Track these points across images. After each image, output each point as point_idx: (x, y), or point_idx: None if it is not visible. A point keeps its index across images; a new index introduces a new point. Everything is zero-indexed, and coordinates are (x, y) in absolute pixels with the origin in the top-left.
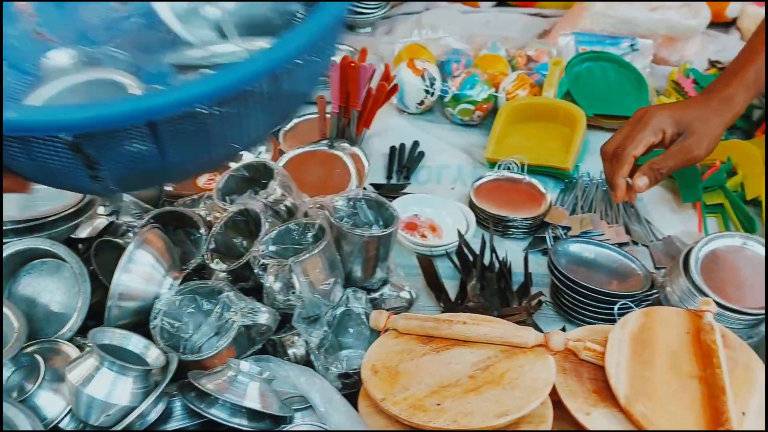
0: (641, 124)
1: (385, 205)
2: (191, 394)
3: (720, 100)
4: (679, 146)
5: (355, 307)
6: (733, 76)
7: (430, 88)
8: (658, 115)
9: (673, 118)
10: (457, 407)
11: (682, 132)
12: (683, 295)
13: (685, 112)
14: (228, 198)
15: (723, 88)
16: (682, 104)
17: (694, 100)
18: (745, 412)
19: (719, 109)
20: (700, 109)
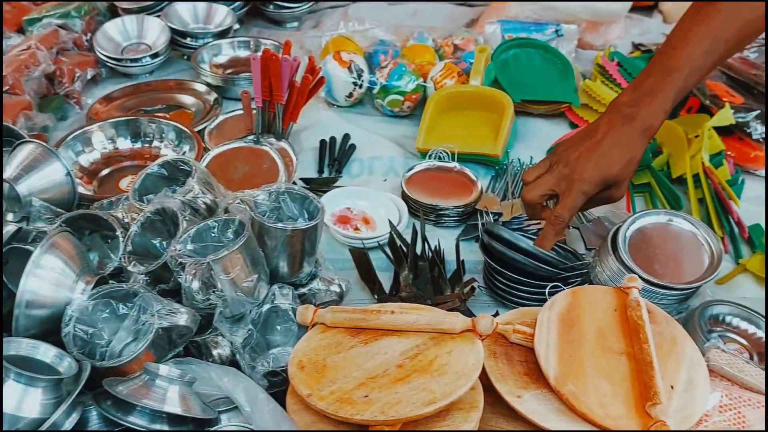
0: (572, 194)
1: (309, 198)
2: (107, 402)
3: (640, 133)
4: (605, 196)
5: (282, 303)
6: (650, 98)
7: (358, 80)
8: (590, 184)
9: (601, 182)
10: (385, 398)
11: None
12: (612, 274)
13: (611, 168)
14: (145, 198)
15: (641, 115)
16: (604, 152)
17: (615, 139)
18: (673, 385)
19: (639, 143)
20: (622, 154)
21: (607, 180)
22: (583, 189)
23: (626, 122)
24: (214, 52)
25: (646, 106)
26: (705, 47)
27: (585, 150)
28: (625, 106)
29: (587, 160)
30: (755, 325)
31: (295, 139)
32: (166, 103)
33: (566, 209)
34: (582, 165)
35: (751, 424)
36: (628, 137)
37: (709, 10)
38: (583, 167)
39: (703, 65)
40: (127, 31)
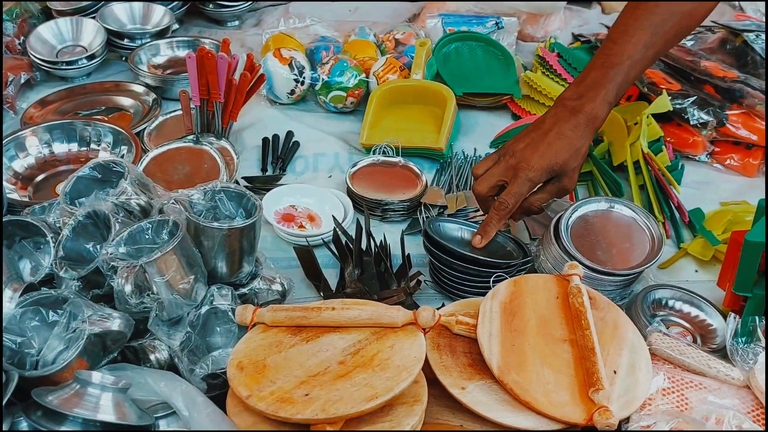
0: (518, 180)
1: (247, 196)
2: (37, 413)
3: (585, 125)
4: (556, 188)
5: (221, 304)
6: (594, 92)
7: (300, 77)
8: (533, 169)
9: (547, 169)
10: (326, 395)
11: (555, 176)
12: (555, 262)
13: (557, 157)
14: (77, 202)
15: (587, 108)
16: (550, 142)
17: (560, 131)
18: (616, 370)
19: (585, 135)
20: (569, 145)
21: (552, 168)
22: (529, 176)
23: (571, 115)
24: (152, 52)
25: (590, 100)
26: (644, 41)
27: (531, 141)
28: (570, 99)
29: (533, 150)
30: (697, 307)
31: (237, 137)
32: (104, 105)
33: (510, 195)
34: (528, 154)
35: (693, 405)
36: (574, 129)
37: (647, 4)
38: (530, 156)
39: (644, 58)
40: (62, 34)
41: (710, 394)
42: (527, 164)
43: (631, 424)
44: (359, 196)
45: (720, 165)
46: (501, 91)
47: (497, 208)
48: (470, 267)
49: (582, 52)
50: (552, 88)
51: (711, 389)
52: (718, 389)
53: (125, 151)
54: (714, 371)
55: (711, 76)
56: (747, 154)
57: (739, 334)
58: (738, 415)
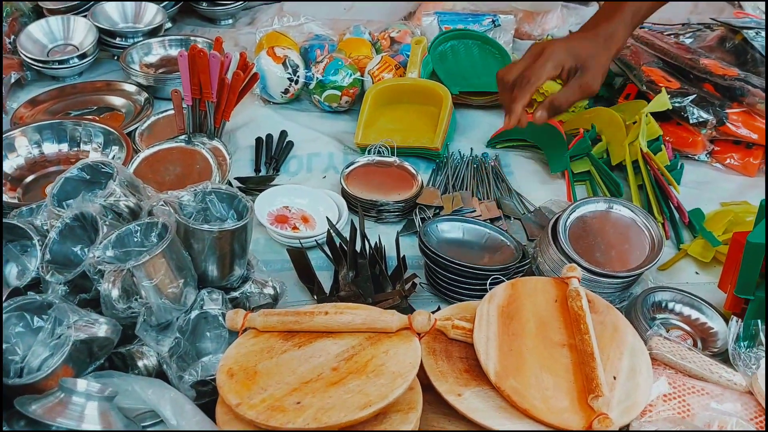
0: (543, 57)
1: (238, 197)
2: (20, 422)
3: (605, 37)
4: (578, 82)
5: (212, 309)
6: (613, 12)
7: (294, 76)
8: (558, 51)
9: (572, 54)
10: (318, 403)
11: (579, 67)
12: (553, 264)
13: (580, 48)
14: (65, 204)
15: (606, 24)
16: (575, 40)
17: (583, 36)
18: (616, 375)
19: (606, 45)
20: (591, 46)
21: (577, 53)
22: (552, 55)
23: (591, 27)
24: (144, 51)
25: (607, 20)
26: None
27: (555, 40)
28: (590, 23)
29: (558, 41)
30: (698, 310)
31: (230, 137)
32: (95, 105)
33: (532, 71)
34: (553, 42)
35: (695, 412)
36: (594, 38)
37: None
38: (553, 43)
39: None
40: (53, 33)
41: (712, 400)
42: (551, 48)
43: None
44: (354, 196)
45: (720, 164)
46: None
47: (520, 84)
48: (467, 269)
49: None
50: (549, 87)
51: (713, 395)
52: (720, 395)
53: (116, 152)
54: (716, 376)
55: (711, 74)
56: (747, 153)
57: (741, 338)
58: (741, 422)
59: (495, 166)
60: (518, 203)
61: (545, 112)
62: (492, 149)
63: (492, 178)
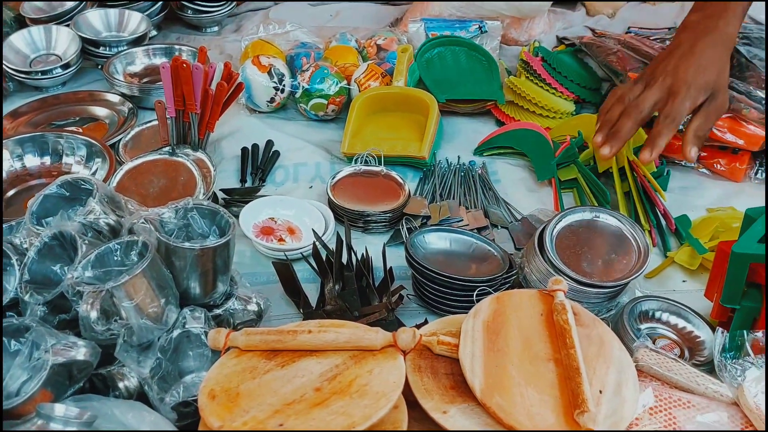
0: (679, 96)
1: (220, 213)
2: None
3: (723, 42)
4: (714, 107)
5: (194, 327)
6: (723, 10)
7: (279, 85)
8: (693, 86)
9: (705, 87)
10: (301, 425)
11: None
12: (540, 275)
13: (710, 73)
14: (44, 222)
15: (720, 26)
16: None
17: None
18: (602, 390)
19: (725, 53)
20: (715, 61)
21: (708, 84)
22: (691, 93)
23: (705, 34)
24: (128, 60)
25: (719, 17)
26: None
27: (680, 60)
28: (700, 22)
29: (686, 67)
30: (685, 319)
31: (215, 147)
32: (78, 115)
33: (675, 110)
34: (683, 72)
35: (681, 424)
36: (713, 47)
37: None
38: (684, 73)
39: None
40: (35, 43)
41: (699, 413)
42: (685, 82)
43: None
44: (340, 207)
45: (706, 170)
46: (485, 97)
47: (664, 123)
48: (453, 281)
49: (567, 55)
50: (537, 94)
51: (699, 407)
52: (706, 407)
53: (99, 164)
54: (702, 388)
55: None
56: (733, 158)
57: (726, 349)
58: None
59: (482, 174)
60: (505, 212)
61: (695, 146)
62: (479, 157)
63: (479, 186)
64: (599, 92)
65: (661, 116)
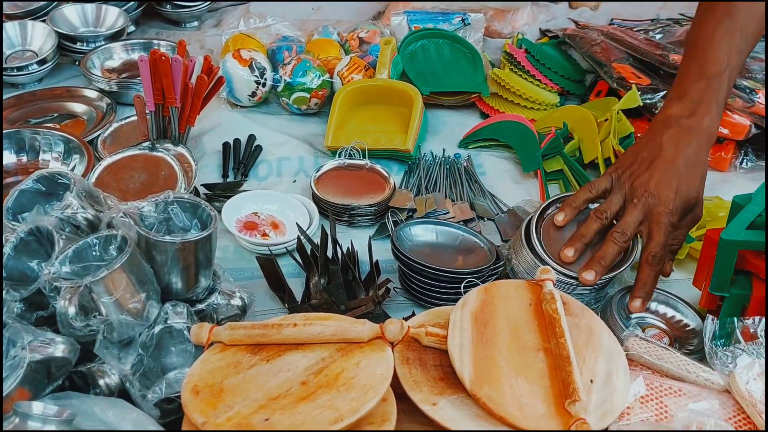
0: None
1: (201, 206)
2: None
3: (707, 143)
4: (690, 219)
5: (176, 322)
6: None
7: (261, 79)
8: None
9: (685, 208)
10: (287, 420)
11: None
12: (528, 266)
13: (691, 190)
14: (20, 217)
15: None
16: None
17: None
18: (593, 379)
19: (706, 154)
20: (696, 171)
21: (689, 204)
22: (672, 221)
23: (691, 136)
24: (105, 56)
25: (705, 114)
26: (736, 44)
27: (660, 174)
28: (683, 118)
29: (668, 186)
30: (673, 308)
31: (197, 142)
32: (55, 112)
33: (660, 246)
34: (665, 193)
35: (673, 413)
36: (697, 153)
37: (727, 8)
38: (666, 196)
39: (738, 63)
40: (10, 38)
41: (690, 401)
42: (666, 207)
43: None
44: (325, 201)
45: None
46: (469, 90)
47: (651, 263)
48: (440, 273)
49: (550, 47)
50: (521, 86)
51: (691, 395)
52: (698, 395)
53: (78, 160)
54: (693, 376)
55: None
56: (719, 148)
57: (717, 337)
58: (720, 423)
59: (467, 166)
60: (491, 204)
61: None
62: (464, 149)
63: (465, 178)
64: (583, 84)
65: (647, 259)
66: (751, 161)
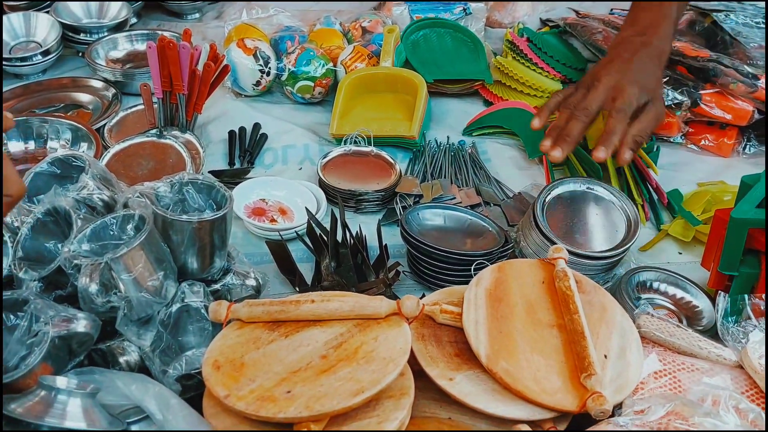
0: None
1: (216, 187)
2: None
3: (658, 56)
4: (653, 114)
5: (193, 301)
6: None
7: (265, 68)
8: (639, 88)
9: (648, 90)
10: (309, 392)
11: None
12: (537, 248)
13: (650, 80)
14: (36, 199)
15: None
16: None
17: (641, 58)
18: (606, 354)
19: (660, 66)
20: (653, 71)
21: (648, 88)
22: (635, 91)
23: (644, 47)
24: (110, 46)
25: (654, 34)
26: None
27: (620, 65)
28: (635, 36)
29: (628, 70)
30: (682, 289)
31: (202, 131)
32: (61, 102)
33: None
34: (627, 73)
35: (687, 387)
36: (650, 60)
37: None
38: (629, 74)
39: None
40: (14, 30)
41: (704, 376)
42: (630, 80)
43: (624, 409)
44: (332, 187)
45: (695, 146)
46: (472, 77)
47: (618, 112)
48: (450, 255)
49: (551, 36)
50: (524, 73)
51: (703, 370)
52: (710, 370)
53: (85, 148)
54: (705, 352)
55: (683, 56)
56: (721, 134)
57: (728, 314)
58: (734, 396)
59: (472, 153)
60: (497, 189)
61: (631, 151)
62: (468, 137)
63: (470, 165)
64: (585, 72)
65: (612, 112)
66: (753, 147)
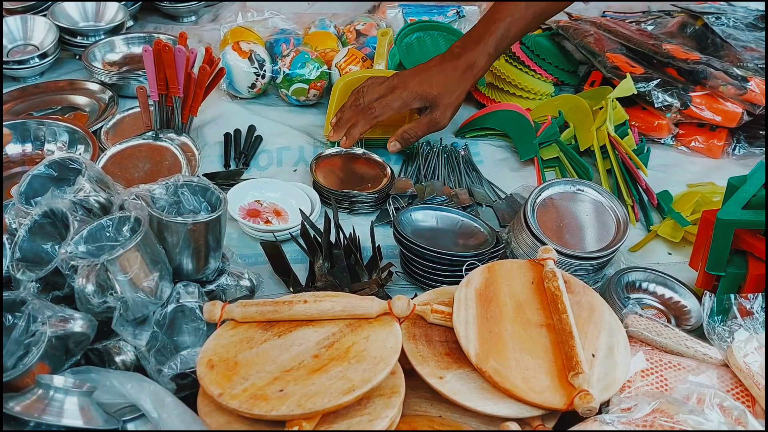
0: (393, 96)
1: (210, 189)
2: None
3: (464, 69)
4: (428, 119)
5: (188, 302)
6: (476, 43)
7: (260, 70)
8: (409, 92)
9: (422, 95)
10: (301, 390)
11: (428, 106)
12: (528, 248)
13: (432, 87)
14: (33, 201)
15: (470, 53)
16: (432, 75)
17: (441, 68)
18: (594, 353)
19: (463, 78)
20: (445, 81)
21: (425, 95)
22: (402, 95)
23: (454, 58)
24: (106, 49)
25: (471, 49)
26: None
27: (416, 71)
28: (455, 47)
29: (414, 76)
30: (671, 289)
31: (198, 133)
32: (58, 104)
33: (380, 104)
34: (408, 79)
35: (673, 385)
36: (453, 70)
37: None
38: (409, 80)
39: (524, 15)
40: (12, 33)
41: (689, 374)
42: (404, 86)
43: (611, 407)
44: (326, 189)
45: (685, 147)
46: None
47: (365, 111)
48: (442, 256)
49: (544, 39)
50: (517, 76)
51: (690, 369)
52: (696, 368)
53: (82, 150)
54: (692, 351)
55: (674, 59)
56: (711, 135)
57: (714, 313)
58: (719, 393)
59: (465, 155)
60: (489, 191)
61: (398, 143)
62: (461, 139)
63: (463, 167)
64: (577, 74)
65: (369, 107)
66: (743, 148)
